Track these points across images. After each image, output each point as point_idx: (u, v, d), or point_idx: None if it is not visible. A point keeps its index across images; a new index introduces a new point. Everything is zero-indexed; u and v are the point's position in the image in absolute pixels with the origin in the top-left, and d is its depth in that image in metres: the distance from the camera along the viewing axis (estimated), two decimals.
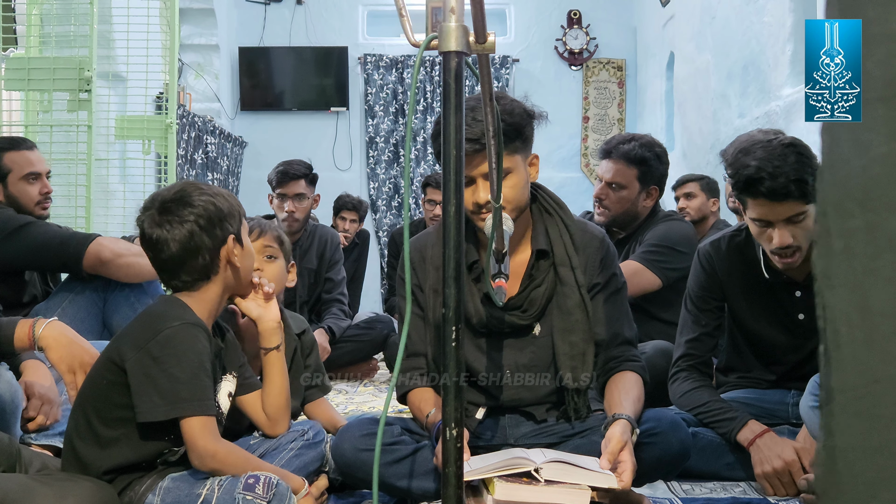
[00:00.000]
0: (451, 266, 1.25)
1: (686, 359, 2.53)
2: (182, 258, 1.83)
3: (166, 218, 1.82)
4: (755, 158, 2.15)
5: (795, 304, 2.45)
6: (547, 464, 1.75)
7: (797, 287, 2.43)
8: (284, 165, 4.23)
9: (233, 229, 1.88)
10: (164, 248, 1.82)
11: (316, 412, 2.40)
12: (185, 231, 1.81)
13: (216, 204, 1.85)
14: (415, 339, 2.15)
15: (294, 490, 1.81)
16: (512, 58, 8.12)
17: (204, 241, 1.83)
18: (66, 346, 1.99)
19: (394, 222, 8.05)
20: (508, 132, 1.95)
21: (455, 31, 1.22)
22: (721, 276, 2.52)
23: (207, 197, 1.85)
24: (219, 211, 1.85)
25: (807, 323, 2.45)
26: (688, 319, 2.57)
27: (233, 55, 8.04)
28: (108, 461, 1.76)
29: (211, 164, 6.87)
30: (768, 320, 2.50)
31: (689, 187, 4.64)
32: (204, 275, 1.86)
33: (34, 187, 3.01)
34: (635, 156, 3.16)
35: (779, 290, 2.45)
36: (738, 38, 5.34)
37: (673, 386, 2.53)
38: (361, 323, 4.43)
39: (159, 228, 1.82)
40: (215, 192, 1.88)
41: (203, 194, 1.85)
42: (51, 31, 4.44)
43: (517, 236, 2.09)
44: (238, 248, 1.89)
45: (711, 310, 2.54)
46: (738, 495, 2.24)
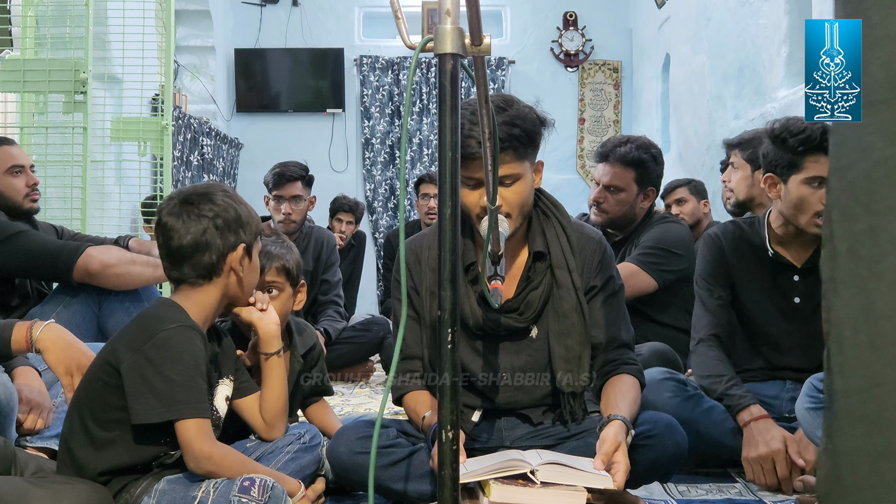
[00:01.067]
0: (446, 269, 1.25)
1: (708, 326, 2.57)
2: (190, 251, 1.84)
3: (186, 209, 1.85)
4: (803, 122, 2.35)
5: (793, 287, 2.53)
6: (542, 465, 1.76)
7: (796, 271, 2.52)
8: (280, 167, 4.23)
9: (245, 239, 1.90)
10: (176, 237, 1.84)
11: (314, 416, 2.41)
12: (201, 226, 1.84)
13: (237, 210, 1.89)
14: (410, 342, 2.14)
15: (290, 493, 1.80)
16: (508, 59, 8.12)
17: (215, 241, 1.85)
18: (63, 349, 2.00)
19: (390, 224, 8.05)
20: (522, 138, 1.96)
21: (451, 33, 1.22)
22: (728, 255, 2.60)
23: (230, 201, 1.89)
24: (237, 217, 1.89)
25: (802, 307, 2.52)
26: (702, 296, 2.62)
27: (229, 57, 8.03)
28: (103, 463, 1.76)
29: (207, 166, 6.86)
30: (766, 303, 2.56)
31: (679, 193, 4.64)
32: (207, 274, 1.87)
33: (19, 180, 3.01)
34: (632, 158, 3.16)
35: (779, 273, 2.53)
36: (733, 39, 5.34)
37: (697, 349, 2.56)
38: (357, 325, 4.42)
39: (176, 218, 1.85)
40: (239, 201, 1.92)
41: (227, 197, 1.89)
42: (46, 32, 4.44)
43: (515, 238, 2.09)
44: (246, 259, 1.91)
45: (723, 285, 2.60)
46: (733, 497, 2.24)
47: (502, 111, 1.96)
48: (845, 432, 0.68)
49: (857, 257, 0.67)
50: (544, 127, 2.05)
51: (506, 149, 1.94)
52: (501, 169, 1.95)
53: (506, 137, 1.93)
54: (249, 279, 1.95)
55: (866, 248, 0.66)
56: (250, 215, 1.93)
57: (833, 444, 0.69)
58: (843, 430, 0.68)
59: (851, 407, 0.67)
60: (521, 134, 1.95)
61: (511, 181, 1.99)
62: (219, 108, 7.72)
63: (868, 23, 0.70)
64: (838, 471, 0.69)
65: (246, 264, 1.91)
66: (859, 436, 0.67)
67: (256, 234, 1.95)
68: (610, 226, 3.25)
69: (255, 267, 1.98)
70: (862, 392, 0.67)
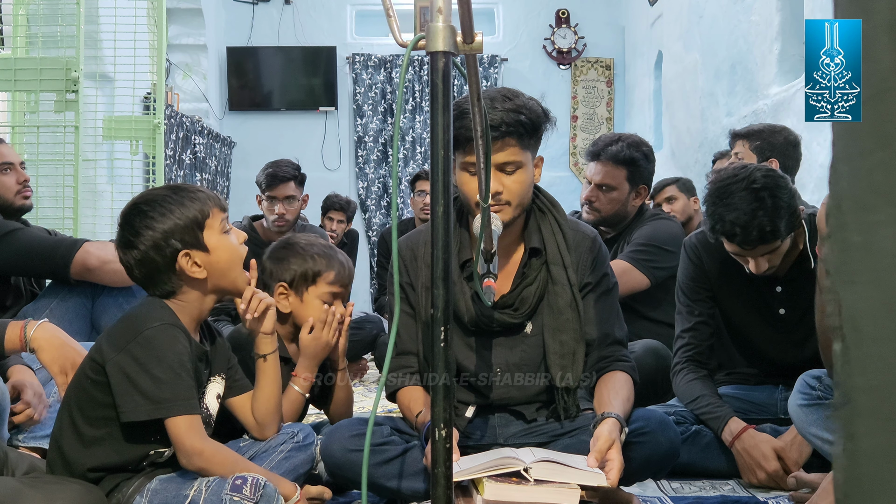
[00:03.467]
0: (439, 266, 1.25)
1: (685, 349, 2.56)
2: (147, 276, 1.86)
3: (122, 242, 1.86)
4: (728, 210, 2.24)
5: (776, 298, 2.51)
6: (536, 463, 1.75)
7: (777, 282, 2.49)
8: (273, 167, 4.21)
9: (180, 245, 1.83)
10: (131, 271, 1.87)
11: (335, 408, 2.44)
12: (139, 256, 1.83)
13: (155, 226, 1.82)
14: (405, 338, 2.14)
15: (286, 496, 1.80)
16: (500, 57, 8.12)
17: (157, 262, 1.83)
18: (58, 348, 2.00)
19: (383, 222, 8.05)
20: (527, 125, 1.97)
21: (442, 31, 1.22)
22: (707, 267, 2.57)
23: (148, 220, 1.83)
24: (162, 234, 1.82)
25: (787, 318, 2.50)
26: (682, 310, 2.61)
27: (221, 55, 8.02)
28: (92, 460, 1.77)
29: (199, 165, 6.84)
30: (750, 314, 2.55)
31: (669, 191, 4.64)
32: (172, 287, 1.86)
33: (9, 177, 3.00)
34: (624, 157, 3.16)
35: (760, 284, 2.50)
36: (725, 37, 5.35)
37: (674, 380, 2.57)
38: (351, 323, 4.40)
39: (122, 252, 1.87)
40: (159, 213, 1.84)
41: (145, 218, 1.83)
42: (37, 31, 4.41)
43: (511, 235, 2.09)
44: (198, 256, 1.85)
45: (703, 299, 2.58)
46: (727, 493, 2.24)
47: (509, 100, 1.97)
48: (866, 431, 0.65)
49: (875, 249, 0.64)
50: (548, 121, 2.06)
51: (511, 134, 1.95)
52: (505, 155, 1.96)
53: (512, 123, 1.94)
54: (217, 264, 1.88)
55: (887, 241, 0.63)
56: (174, 217, 1.83)
57: (854, 445, 0.66)
58: (864, 429, 0.65)
59: (872, 405, 0.65)
60: (526, 121, 1.96)
61: (513, 168, 1.99)
62: (211, 107, 7.71)
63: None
64: (859, 472, 0.66)
65: (202, 260, 1.85)
66: (881, 434, 0.64)
67: (194, 224, 1.85)
68: (602, 224, 3.25)
69: (220, 246, 1.89)
70: (883, 389, 0.64)
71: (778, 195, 2.24)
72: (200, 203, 1.87)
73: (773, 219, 2.22)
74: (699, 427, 2.43)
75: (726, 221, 2.24)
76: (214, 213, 1.89)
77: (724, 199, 2.26)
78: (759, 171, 2.28)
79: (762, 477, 2.27)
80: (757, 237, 2.23)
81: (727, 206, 2.24)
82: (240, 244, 1.95)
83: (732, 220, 2.23)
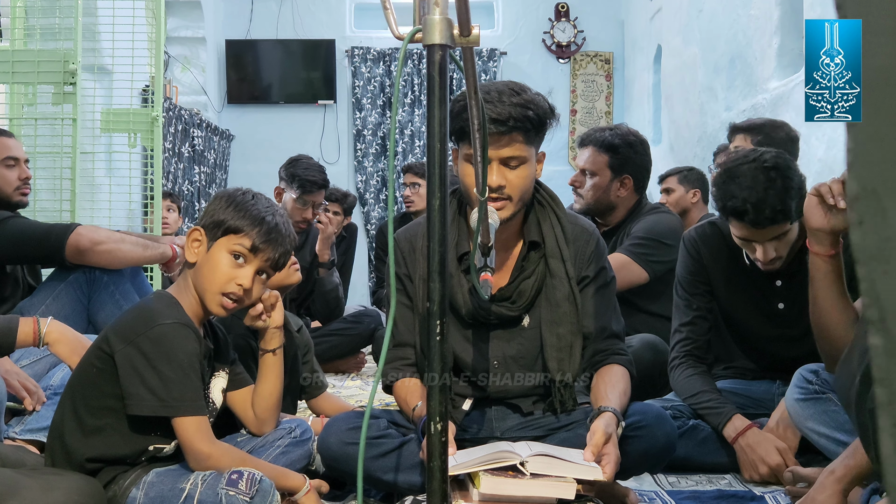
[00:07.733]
0: (435, 260, 1.25)
1: (682, 344, 2.55)
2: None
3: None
4: (740, 188, 2.21)
5: (775, 293, 2.50)
6: (532, 457, 1.76)
7: (777, 276, 2.47)
8: (314, 172, 4.12)
9: (205, 223, 1.89)
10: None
11: (324, 406, 2.43)
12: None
13: (221, 206, 1.90)
14: (402, 329, 2.14)
15: (295, 488, 1.81)
16: (499, 51, 8.11)
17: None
18: (73, 340, 2.04)
19: (382, 215, 8.04)
20: (534, 121, 1.96)
21: (439, 23, 1.22)
22: (706, 261, 2.56)
23: (224, 200, 1.92)
24: (213, 211, 1.90)
25: (786, 312, 2.49)
26: (680, 304, 2.60)
27: (219, 48, 8.00)
28: (91, 450, 1.77)
29: (198, 158, 6.84)
30: (749, 308, 2.54)
31: (668, 182, 4.65)
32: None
33: (12, 172, 2.99)
34: (607, 143, 3.20)
35: (759, 278, 2.49)
36: (724, 31, 5.35)
37: (672, 375, 2.56)
38: (349, 317, 4.42)
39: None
40: (233, 200, 1.93)
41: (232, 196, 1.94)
42: (35, 23, 4.40)
43: (511, 229, 2.09)
44: (202, 246, 1.88)
45: (701, 293, 2.57)
46: (723, 487, 2.25)
47: (517, 94, 1.96)
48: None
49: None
50: (553, 117, 2.06)
51: (518, 129, 1.94)
52: (510, 150, 1.96)
53: (520, 118, 1.93)
54: (200, 273, 1.89)
55: None
56: (232, 214, 1.90)
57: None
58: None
59: None
60: (534, 117, 1.95)
61: (517, 163, 1.98)
62: (210, 100, 7.70)
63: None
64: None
65: (199, 252, 1.89)
66: None
67: (225, 226, 1.89)
68: (588, 212, 3.26)
69: (212, 267, 1.88)
70: None
71: (789, 176, 2.23)
72: (246, 223, 1.88)
73: (783, 198, 2.19)
74: (696, 421, 2.43)
75: (738, 198, 2.21)
76: (242, 241, 1.87)
77: (736, 177, 2.24)
78: (770, 153, 2.28)
79: (764, 472, 2.26)
80: (769, 216, 2.20)
81: (738, 185, 2.22)
82: (244, 289, 1.88)
83: (744, 198, 2.20)
